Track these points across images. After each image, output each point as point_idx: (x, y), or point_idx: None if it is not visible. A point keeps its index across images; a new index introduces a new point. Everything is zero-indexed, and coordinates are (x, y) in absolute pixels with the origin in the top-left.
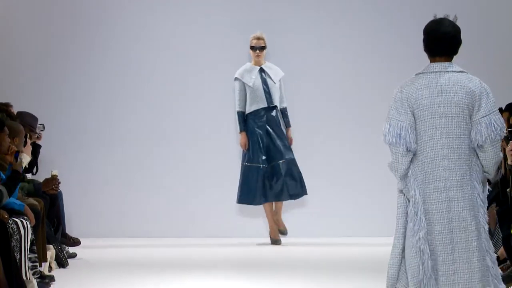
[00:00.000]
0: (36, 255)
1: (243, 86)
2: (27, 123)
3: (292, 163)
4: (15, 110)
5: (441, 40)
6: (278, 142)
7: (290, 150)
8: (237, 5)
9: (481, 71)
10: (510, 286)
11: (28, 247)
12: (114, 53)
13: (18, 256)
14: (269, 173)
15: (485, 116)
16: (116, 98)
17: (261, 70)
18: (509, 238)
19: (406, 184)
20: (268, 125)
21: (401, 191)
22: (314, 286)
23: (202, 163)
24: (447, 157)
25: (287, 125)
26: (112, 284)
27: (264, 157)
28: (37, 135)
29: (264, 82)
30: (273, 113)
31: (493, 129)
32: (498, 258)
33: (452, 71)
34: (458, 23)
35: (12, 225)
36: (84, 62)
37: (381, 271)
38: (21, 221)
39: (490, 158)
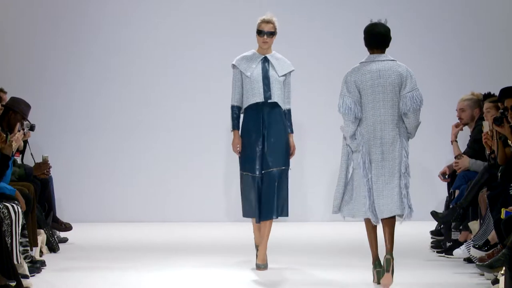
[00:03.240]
0: (27, 239)
1: (240, 75)
2: (20, 110)
3: (279, 175)
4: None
5: (377, 37)
6: (271, 146)
7: (284, 158)
8: None
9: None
10: (501, 271)
11: (19, 231)
12: (101, 39)
13: (9, 240)
14: (261, 182)
15: (409, 92)
16: (104, 84)
17: (265, 60)
18: (500, 223)
19: (354, 141)
20: (263, 125)
21: (347, 145)
22: (312, 266)
23: (189, 149)
24: (383, 122)
25: (289, 130)
26: (103, 269)
27: (257, 165)
28: (26, 122)
29: (265, 73)
30: (271, 111)
31: (415, 101)
32: (488, 242)
33: (386, 60)
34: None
35: (3, 210)
36: (71, 48)
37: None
38: (12, 206)
39: (412, 122)
